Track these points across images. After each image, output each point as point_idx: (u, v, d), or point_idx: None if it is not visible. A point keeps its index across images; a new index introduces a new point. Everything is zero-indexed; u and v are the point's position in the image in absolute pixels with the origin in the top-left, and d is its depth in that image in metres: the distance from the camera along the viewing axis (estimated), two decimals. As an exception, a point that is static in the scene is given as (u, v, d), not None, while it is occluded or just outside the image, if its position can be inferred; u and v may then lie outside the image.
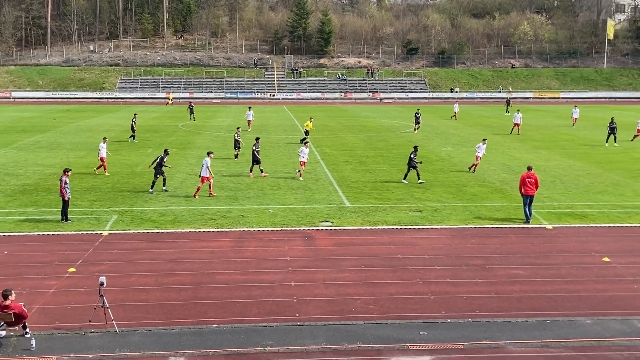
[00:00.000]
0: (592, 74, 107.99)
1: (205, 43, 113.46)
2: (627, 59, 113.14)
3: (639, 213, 22.67)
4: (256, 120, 55.78)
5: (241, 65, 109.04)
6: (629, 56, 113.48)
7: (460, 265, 16.83)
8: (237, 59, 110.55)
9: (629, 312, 13.67)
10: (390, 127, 54.14)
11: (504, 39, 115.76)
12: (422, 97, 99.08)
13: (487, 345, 12.12)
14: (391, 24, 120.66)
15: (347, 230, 20.39)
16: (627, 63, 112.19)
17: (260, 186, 27.33)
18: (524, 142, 43.12)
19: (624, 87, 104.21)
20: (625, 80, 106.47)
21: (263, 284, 15.35)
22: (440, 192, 26.13)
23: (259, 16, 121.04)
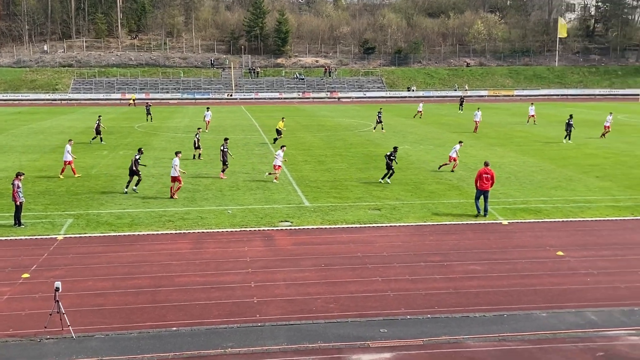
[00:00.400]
0: (544, 72, 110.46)
1: (161, 43, 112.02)
2: (578, 57, 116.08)
3: (591, 207, 23.28)
4: (214, 121, 55.32)
5: (198, 65, 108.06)
6: (580, 54, 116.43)
7: (418, 262, 17.01)
8: (194, 59, 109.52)
9: (582, 305, 14.01)
10: (349, 126, 54.36)
11: (459, 38, 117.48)
12: (379, 96, 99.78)
13: (446, 340, 12.28)
14: (348, 24, 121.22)
15: (307, 230, 20.39)
16: (577, 61, 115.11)
17: (219, 187, 27.12)
18: (479, 139, 43.82)
19: (575, 84, 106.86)
20: (576, 77, 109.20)
21: (223, 286, 15.23)
22: (398, 190, 26.35)
23: (215, 16, 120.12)
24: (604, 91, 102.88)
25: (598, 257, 17.38)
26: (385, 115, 59.17)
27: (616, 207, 23.25)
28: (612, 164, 32.67)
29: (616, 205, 23.64)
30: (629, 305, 13.97)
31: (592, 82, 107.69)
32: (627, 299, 14.38)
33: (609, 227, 20.70)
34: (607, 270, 16.30)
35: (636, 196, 25.09)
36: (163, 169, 31.64)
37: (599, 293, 14.74)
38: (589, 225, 20.98)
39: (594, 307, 13.85)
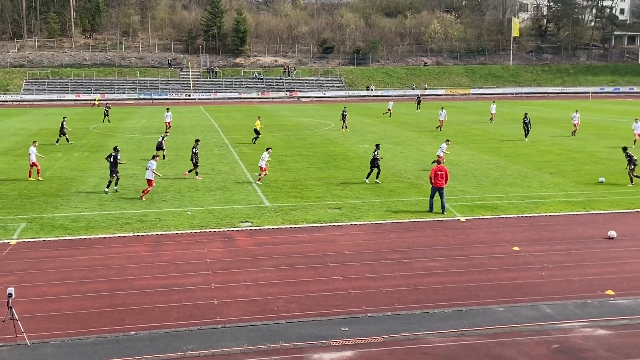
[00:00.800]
0: (499, 71, 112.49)
1: (116, 43, 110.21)
2: (531, 56, 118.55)
3: (545, 203, 23.80)
4: (172, 121, 54.70)
5: (155, 65, 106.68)
6: (533, 53, 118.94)
7: (379, 260, 17.13)
8: (150, 59, 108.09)
9: (538, 298, 14.32)
10: (309, 125, 54.40)
11: (416, 38, 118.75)
12: (338, 95, 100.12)
13: (406, 337, 12.40)
14: (306, 23, 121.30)
15: (267, 230, 20.34)
16: (531, 60, 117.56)
17: (178, 188, 26.84)
18: (437, 137, 44.34)
19: (529, 82, 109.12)
20: (530, 76, 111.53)
21: (182, 288, 15.08)
22: (358, 189, 26.49)
23: (172, 15, 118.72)
24: (557, 89, 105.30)
25: (552, 252, 17.78)
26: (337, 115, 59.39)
27: (569, 203, 23.83)
28: (564, 161, 33.46)
29: (569, 200, 24.22)
30: (582, 298, 14.33)
31: (545, 80, 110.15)
32: (581, 291, 14.75)
33: (562, 222, 21.20)
34: (561, 264, 16.69)
35: (588, 191, 25.76)
36: (120, 170, 31.09)
37: (553, 286, 15.08)
38: (543, 220, 21.44)
39: (548, 301, 14.17)
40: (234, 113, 70.34)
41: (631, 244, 18.52)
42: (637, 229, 20.11)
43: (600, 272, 16.10)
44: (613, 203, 23.73)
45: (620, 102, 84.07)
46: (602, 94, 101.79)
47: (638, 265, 16.62)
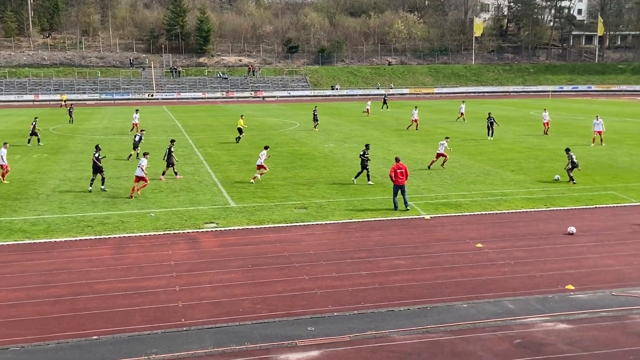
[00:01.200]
0: (462, 70, 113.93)
1: (76, 42, 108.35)
2: (493, 55, 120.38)
3: (507, 200, 24.17)
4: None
5: (116, 65, 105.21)
6: (495, 53, 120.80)
7: (345, 259, 17.17)
8: (112, 59, 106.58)
9: (500, 294, 14.52)
10: (274, 125, 54.27)
11: (380, 37, 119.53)
12: (304, 95, 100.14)
13: (373, 335, 12.45)
14: (271, 23, 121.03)
15: (233, 231, 20.22)
16: (493, 59, 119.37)
17: (141, 190, 26.46)
18: (401, 136, 44.70)
19: (490, 82, 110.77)
20: (491, 75, 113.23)
21: (146, 291, 14.88)
22: (324, 189, 26.52)
23: (133, 14, 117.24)
24: (518, 88, 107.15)
25: (514, 248, 18.06)
26: (309, 115, 59.37)
27: (530, 200, 24.24)
28: (526, 158, 34.03)
29: (530, 197, 24.65)
30: (543, 293, 14.58)
31: (507, 79, 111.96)
32: (542, 287, 15.01)
33: (524, 218, 21.55)
34: (523, 260, 16.96)
35: (548, 188, 26.25)
36: (80, 172, 30.66)
37: (515, 282, 15.32)
38: (505, 217, 21.77)
39: (511, 296, 14.38)
40: (198, 113, 69.78)
41: (590, 239, 18.93)
42: (595, 225, 20.57)
43: (560, 267, 16.42)
44: (572, 199, 24.22)
45: (579, 101, 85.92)
46: (561, 92, 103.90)
47: (597, 260, 17.00)
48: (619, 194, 25.12)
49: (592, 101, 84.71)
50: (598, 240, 18.76)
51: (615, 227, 20.26)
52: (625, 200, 24.02)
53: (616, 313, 13.42)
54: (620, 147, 37.92)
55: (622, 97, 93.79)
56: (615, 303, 13.97)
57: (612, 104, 79.66)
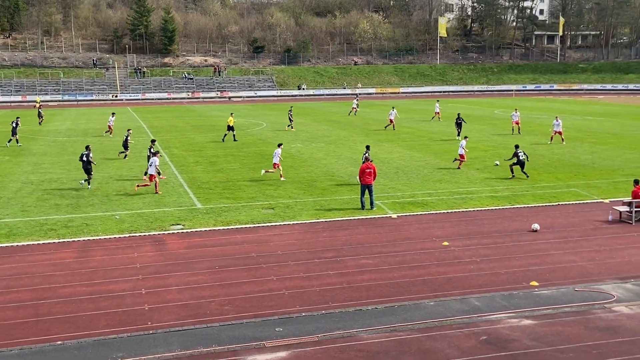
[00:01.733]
0: (427, 70, 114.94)
1: (38, 42, 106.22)
2: (458, 55, 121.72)
3: (473, 198, 24.47)
4: (97, 123, 53.31)
5: (79, 65, 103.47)
6: (459, 52, 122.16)
7: (313, 259, 17.18)
8: (74, 59, 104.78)
9: (467, 292, 14.70)
10: (240, 125, 53.99)
11: (346, 37, 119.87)
12: (270, 95, 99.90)
13: (341, 335, 12.48)
14: (236, 22, 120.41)
15: (200, 232, 20.07)
16: (457, 59, 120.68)
17: (105, 192, 26.12)
18: (368, 135, 44.88)
19: (455, 81, 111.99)
20: (456, 75, 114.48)
21: (111, 294, 14.67)
22: (291, 189, 26.50)
23: (96, 14, 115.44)
24: (482, 87, 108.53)
25: (480, 246, 18.30)
26: (277, 115, 59.28)
27: (495, 197, 24.59)
28: (490, 157, 34.47)
29: (495, 195, 24.99)
30: (508, 290, 14.81)
31: (471, 79, 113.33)
32: (507, 283, 15.24)
33: (489, 216, 21.85)
34: (489, 258, 17.20)
35: (512, 186, 26.65)
36: (43, 174, 30.10)
37: (481, 279, 15.52)
38: (471, 215, 22.03)
39: (477, 294, 14.57)
40: (163, 114, 69.08)
41: (553, 236, 19.28)
42: (558, 222, 20.95)
43: (525, 264, 16.69)
44: (536, 197, 24.64)
45: (542, 100, 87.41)
46: (524, 91, 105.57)
47: (560, 256, 17.32)
48: (581, 191, 25.64)
49: (555, 100, 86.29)
50: (561, 237, 19.12)
51: (577, 224, 20.67)
52: (587, 197, 24.52)
53: (579, 308, 13.69)
54: (582, 145, 38.70)
55: (584, 96, 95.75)
56: (578, 298, 14.26)
57: (573, 102, 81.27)
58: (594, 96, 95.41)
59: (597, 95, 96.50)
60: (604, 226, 20.44)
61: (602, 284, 15.11)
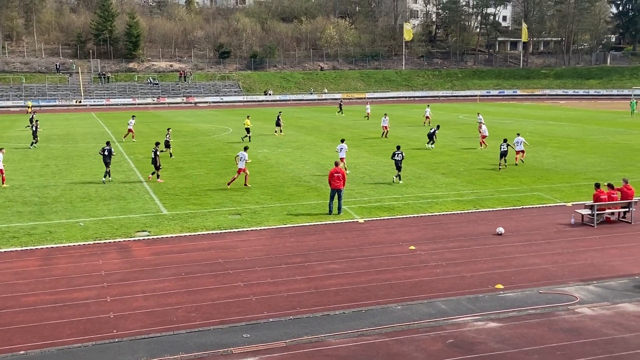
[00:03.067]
0: (393, 75, 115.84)
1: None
2: (423, 60, 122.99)
3: (439, 202, 24.73)
4: (62, 129, 52.42)
5: (42, 70, 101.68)
6: (424, 58, 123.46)
7: (280, 265, 17.15)
8: (37, 64, 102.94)
9: (433, 295, 14.84)
10: (207, 131, 53.68)
11: (312, 43, 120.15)
12: (236, 100, 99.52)
13: (308, 340, 12.48)
14: (202, 28, 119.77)
15: (166, 239, 19.87)
16: (422, 65, 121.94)
17: (69, 198, 25.69)
18: (335, 141, 44.94)
19: (420, 86, 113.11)
20: (421, 80, 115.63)
21: (76, 303, 14.43)
22: (258, 194, 26.42)
23: (59, 18, 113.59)
24: (447, 93, 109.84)
25: (446, 249, 18.49)
26: (242, 120, 59.11)
27: (460, 202, 24.88)
28: (455, 161, 34.90)
29: (460, 199, 25.30)
30: (474, 293, 14.99)
31: (436, 84, 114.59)
32: (473, 286, 15.42)
33: (455, 220, 22.10)
34: (455, 261, 17.39)
35: (478, 190, 27.01)
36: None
37: (447, 283, 15.68)
38: (437, 219, 22.26)
39: (443, 297, 14.71)
40: (128, 119, 68.17)
41: (517, 239, 19.59)
42: (522, 225, 21.29)
43: (490, 267, 16.92)
44: (501, 201, 25.00)
45: (505, 105, 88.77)
46: (488, 96, 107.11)
47: (524, 259, 17.61)
48: (544, 194, 26.11)
49: (518, 105, 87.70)
50: (525, 240, 19.43)
51: (541, 227, 21.04)
52: (550, 201, 24.98)
53: (543, 310, 13.93)
54: (544, 150, 39.42)
55: (546, 101, 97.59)
56: (542, 301, 14.50)
57: (536, 107, 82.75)
58: (556, 101, 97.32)
59: (559, 101, 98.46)
60: (567, 229, 20.84)
61: (566, 286, 15.41)
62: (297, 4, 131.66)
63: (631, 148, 39.78)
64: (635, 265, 16.99)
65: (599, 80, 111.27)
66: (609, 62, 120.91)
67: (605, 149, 39.62)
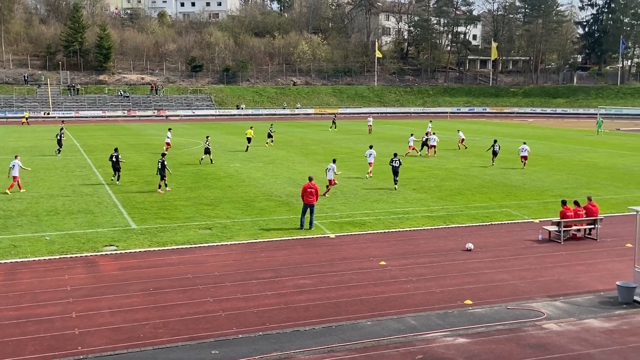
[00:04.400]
0: (365, 91, 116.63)
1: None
2: (395, 77, 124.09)
3: (409, 218, 24.86)
4: (28, 141, 51.56)
5: (9, 81, 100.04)
6: (396, 75, 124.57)
7: (250, 280, 17.03)
8: (4, 75, 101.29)
9: (403, 311, 14.86)
10: (178, 144, 53.27)
11: (285, 58, 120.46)
12: (208, 114, 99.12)
13: (278, 356, 12.38)
14: (174, 41, 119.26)
15: (134, 253, 19.60)
16: (394, 81, 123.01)
17: (35, 212, 25.22)
18: (307, 156, 45.08)
19: (392, 103, 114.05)
20: (393, 97, 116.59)
21: (40, 318, 14.12)
22: (229, 209, 26.26)
23: (29, 29, 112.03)
24: (418, 109, 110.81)
25: (416, 265, 18.57)
26: (214, 134, 58.88)
27: (431, 217, 25.05)
28: (426, 177, 35.17)
29: (431, 215, 25.47)
30: (443, 308, 15.05)
31: (408, 101, 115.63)
32: (442, 302, 15.49)
33: (425, 235, 22.22)
34: (424, 277, 17.46)
35: (448, 206, 27.23)
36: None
37: (417, 299, 15.73)
38: (407, 235, 22.36)
39: (413, 313, 14.74)
40: (97, 132, 67.52)
41: (486, 255, 19.76)
42: (491, 241, 21.50)
43: (459, 282, 17.02)
44: (470, 217, 25.23)
45: (475, 122, 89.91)
46: (459, 114, 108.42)
47: (493, 275, 17.76)
48: (513, 211, 26.42)
49: (488, 122, 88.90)
50: (494, 256, 19.61)
51: (509, 243, 21.27)
52: (518, 217, 25.28)
53: (511, 326, 14.04)
54: (513, 167, 39.94)
55: (515, 119, 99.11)
56: (510, 316, 14.62)
57: (505, 125, 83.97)
58: (524, 119, 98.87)
59: (528, 119, 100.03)
60: (534, 245, 21.10)
61: (533, 302, 15.56)
62: (270, 19, 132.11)
63: (596, 166, 40.55)
64: (600, 281, 17.26)
65: (566, 99, 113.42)
66: (575, 81, 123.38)
67: (571, 166, 40.33)
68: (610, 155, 46.56)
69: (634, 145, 54.96)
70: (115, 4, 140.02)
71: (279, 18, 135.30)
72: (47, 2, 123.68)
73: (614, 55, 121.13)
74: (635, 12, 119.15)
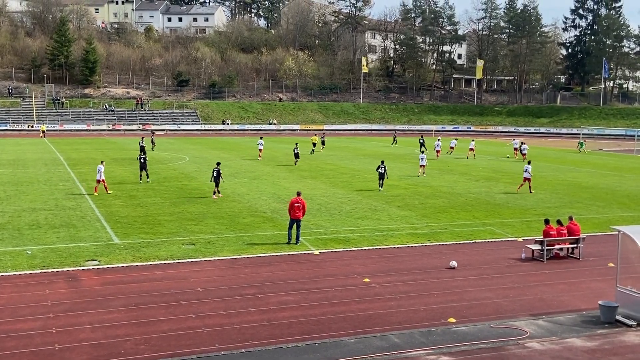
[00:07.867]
0: (350, 108, 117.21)
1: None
2: (380, 94, 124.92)
3: (393, 235, 24.89)
4: (11, 154, 51.08)
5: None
6: (381, 92, 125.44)
7: (234, 296, 16.93)
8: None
9: (387, 328, 14.82)
10: (162, 159, 53.11)
11: (272, 74, 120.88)
12: (194, 129, 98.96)
13: (260, 373, 12.29)
14: (160, 55, 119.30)
15: (116, 268, 19.42)
16: (380, 98, 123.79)
17: (17, 225, 24.96)
18: (292, 172, 45.08)
19: (378, 120, 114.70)
20: (379, 114, 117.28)
21: (19, 334, 13.92)
22: (213, 224, 26.15)
23: (14, 42, 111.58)
24: (404, 127, 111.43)
25: (400, 282, 18.56)
26: (199, 149, 58.78)
27: (415, 235, 25.10)
28: (411, 195, 35.28)
29: (415, 232, 25.52)
30: (427, 326, 15.04)
31: (393, 118, 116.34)
32: (426, 320, 15.48)
33: (409, 253, 22.25)
34: (408, 294, 17.46)
35: (432, 224, 27.31)
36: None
37: (401, 316, 15.71)
38: (391, 252, 22.37)
39: (397, 330, 14.71)
40: (82, 146, 67.11)
41: (470, 273, 19.82)
42: (475, 259, 21.57)
43: (443, 300, 17.03)
44: (454, 235, 25.32)
45: (460, 140, 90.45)
46: (444, 132, 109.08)
47: (476, 293, 17.80)
48: (496, 229, 26.56)
49: (478, 142, 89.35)
50: (478, 274, 19.67)
51: (493, 261, 21.35)
52: (502, 235, 25.41)
53: (494, 344, 14.05)
54: (497, 185, 40.20)
55: (499, 138, 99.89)
56: (493, 334, 14.64)
57: (489, 143, 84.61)
58: (508, 138, 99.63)
59: (512, 137, 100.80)
60: (518, 264, 21.19)
61: (516, 320, 15.60)
62: (257, 35, 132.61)
63: (579, 185, 40.93)
64: (582, 300, 17.36)
65: (550, 119, 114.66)
66: (559, 101, 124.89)
67: (554, 185, 40.66)
68: (593, 175, 47.04)
69: (616, 165, 55.59)
70: (102, 18, 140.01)
71: (266, 34, 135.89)
72: (34, 15, 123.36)
73: (597, 76, 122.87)
74: (617, 35, 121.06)
